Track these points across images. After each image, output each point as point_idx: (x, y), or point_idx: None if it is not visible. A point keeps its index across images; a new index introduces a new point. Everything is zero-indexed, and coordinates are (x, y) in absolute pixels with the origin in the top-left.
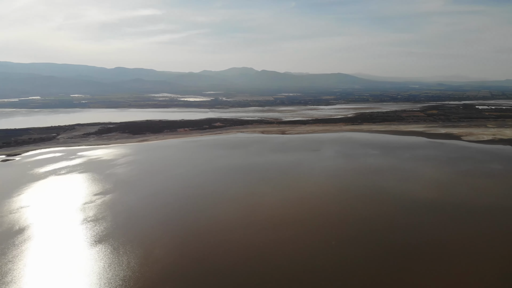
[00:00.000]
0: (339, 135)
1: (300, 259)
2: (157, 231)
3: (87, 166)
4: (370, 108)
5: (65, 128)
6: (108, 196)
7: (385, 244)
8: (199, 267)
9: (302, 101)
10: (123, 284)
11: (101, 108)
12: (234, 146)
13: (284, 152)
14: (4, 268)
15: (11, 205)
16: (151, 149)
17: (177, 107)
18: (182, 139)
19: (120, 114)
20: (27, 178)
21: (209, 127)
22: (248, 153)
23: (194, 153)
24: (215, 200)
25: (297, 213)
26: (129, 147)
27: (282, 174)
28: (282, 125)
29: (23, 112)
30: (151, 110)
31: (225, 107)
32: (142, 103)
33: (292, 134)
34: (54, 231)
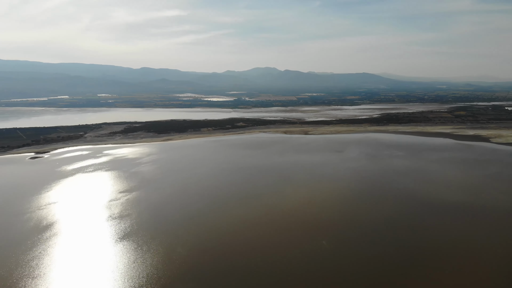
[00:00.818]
0: (364, 136)
1: (320, 260)
2: (180, 229)
3: (113, 164)
4: (396, 108)
5: (92, 127)
6: (133, 193)
7: (410, 245)
8: (221, 265)
9: (326, 101)
10: (146, 281)
11: (127, 108)
12: (256, 146)
13: (307, 152)
14: (32, 263)
15: (39, 201)
16: (175, 148)
17: (200, 107)
18: (205, 139)
19: (146, 113)
20: (55, 175)
21: (232, 127)
22: (271, 153)
23: (216, 152)
24: (237, 200)
25: (320, 214)
26: (154, 146)
27: (305, 175)
28: (305, 126)
29: (52, 111)
30: (175, 110)
31: (247, 107)
32: (167, 103)
33: (315, 135)
34: (80, 227)
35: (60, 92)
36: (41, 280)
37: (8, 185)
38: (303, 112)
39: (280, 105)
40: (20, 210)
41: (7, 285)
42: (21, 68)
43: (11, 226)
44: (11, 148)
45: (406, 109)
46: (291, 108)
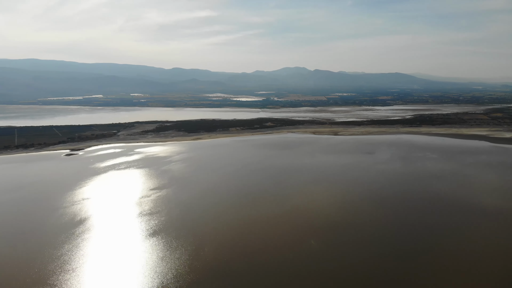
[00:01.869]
0: (396, 138)
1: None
2: (208, 228)
3: (144, 162)
4: (430, 109)
5: (125, 126)
6: (163, 191)
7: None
8: (247, 264)
9: (356, 101)
10: (175, 277)
11: (159, 107)
12: (284, 146)
13: (336, 154)
14: (65, 257)
15: (73, 197)
16: (205, 147)
17: (229, 107)
18: (234, 138)
19: (177, 113)
20: (88, 172)
21: (260, 127)
22: (299, 154)
23: (244, 152)
24: (265, 199)
25: (348, 216)
26: (184, 144)
27: (334, 176)
28: (334, 126)
29: (86, 109)
30: (205, 109)
31: (276, 107)
32: (197, 103)
33: (345, 136)
34: (112, 223)
35: (95, 91)
36: (73, 273)
37: (45, 181)
38: (333, 112)
39: (309, 105)
40: (55, 205)
41: (41, 277)
42: (57, 68)
43: (46, 220)
44: (47, 145)
45: (440, 110)
46: (321, 108)
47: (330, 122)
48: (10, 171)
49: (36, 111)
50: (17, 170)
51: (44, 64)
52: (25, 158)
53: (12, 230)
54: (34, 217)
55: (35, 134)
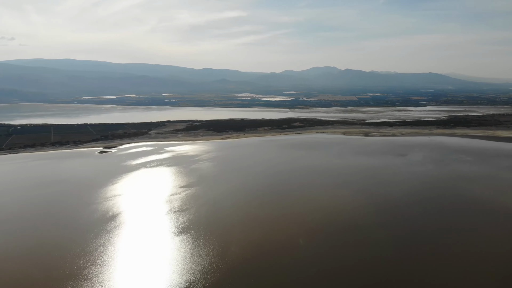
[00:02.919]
0: (429, 139)
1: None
2: (235, 226)
3: (174, 160)
4: (465, 111)
5: (157, 124)
6: (192, 189)
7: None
8: (275, 264)
9: (388, 102)
10: (202, 274)
11: (189, 107)
12: (313, 146)
13: (367, 155)
14: (96, 252)
15: (106, 193)
16: (233, 146)
17: (258, 107)
18: (262, 138)
19: (206, 112)
20: (121, 169)
21: (288, 127)
22: (328, 154)
23: (272, 152)
24: (293, 201)
25: (377, 219)
26: (212, 144)
27: (363, 179)
28: (365, 127)
29: (119, 108)
30: (234, 109)
31: (305, 107)
32: (226, 102)
33: (377, 137)
34: (142, 219)
35: (128, 90)
36: (104, 267)
37: (79, 177)
38: (363, 112)
39: (339, 105)
40: (88, 200)
41: (72, 270)
42: (92, 67)
43: (79, 215)
44: (82, 142)
45: (476, 111)
46: (351, 109)
47: (361, 122)
48: (46, 167)
49: (71, 109)
50: (53, 166)
51: (79, 64)
52: (61, 154)
53: (47, 224)
54: (68, 212)
55: (70, 132)
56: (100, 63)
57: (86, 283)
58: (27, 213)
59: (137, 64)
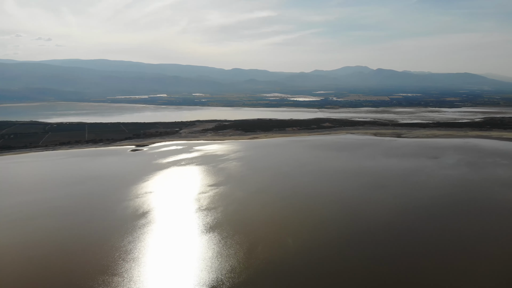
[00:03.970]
0: (464, 141)
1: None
2: (262, 226)
3: (203, 159)
4: (501, 112)
5: (187, 124)
6: (220, 188)
7: None
8: (301, 265)
9: (422, 103)
10: (230, 273)
11: (218, 107)
12: (342, 147)
13: (398, 157)
14: (127, 247)
15: (137, 190)
16: (261, 146)
17: (286, 107)
18: (290, 138)
19: (235, 112)
20: (152, 167)
21: (317, 127)
22: (358, 156)
23: (300, 152)
24: (321, 203)
25: (411, 222)
26: (240, 143)
27: (394, 181)
28: (397, 128)
29: (151, 108)
30: (262, 109)
31: (335, 107)
32: (255, 102)
33: (409, 138)
34: (171, 216)
35: (159, 90)
36: (134, 263)
37: (112, 174)
38: (396, 113)
39: (370, 106)
40: (120, 197)
41: (104, 265)
42: (125, 68)
43: (112, 211)
44: (115, 140)
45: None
46: (383, 109)
47: (393, 123)
48: (80, 164)
49: (105, 108)
50: (87, 164)
51: (113, 64)
52: (94, 152)
53: (81, 219)
54: (101, 208)
55: (104, 130)
56: (133, 63)
57: (117, 278)
58: (62, 208)
59: (169, 65)
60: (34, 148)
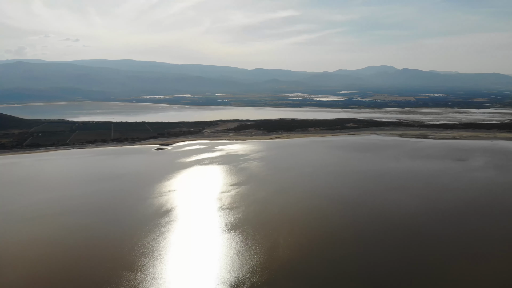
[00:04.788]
0: (492, 143)
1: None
2: (284, 226)
3: (225, 159)
4: None
5: (209, 123)
6: (241, 187)
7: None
8: (323, 268)
9: (449, 103)
10: (250, 273)
11: (240, 106)
12: (366, 148)
13: (424, 159)
14: (150, 244)
15: (161, 188)
16: (282, 146)
17: (309, 107)
18: (312, 139)
19: (257, 112)
20: (175, 166)
21: (341, 128)
22: (382, 157)
23: (323, 153)
24: (343, 204)
25: (438, 226)
26: (262, 143)
27: (420, 183)
28: (423, 129)
29: (175, 107)
30: (284, 109)
31: (359, 107)
32: (277, 102)
33: (435, 139)
34: (194, 215)
35: (183, 90)
36: (157, 260)
37: (137, 172)
38: (422, 114)
39: (395, 106)
40: (145, 195)
41: (128, 262)
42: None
43: (136, 209)
44: (140, 139)
45: None
46: (408, 109)
47: (419, 124)
48: (106, 162)
49: (130, 108)
50: (112, 162)
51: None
52: (120, 150)
53: (106, 216)
54: (126, 205)
55: (129, 129)
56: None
57: (140, 275)
58: (88, 205)
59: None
60: (62, 146)
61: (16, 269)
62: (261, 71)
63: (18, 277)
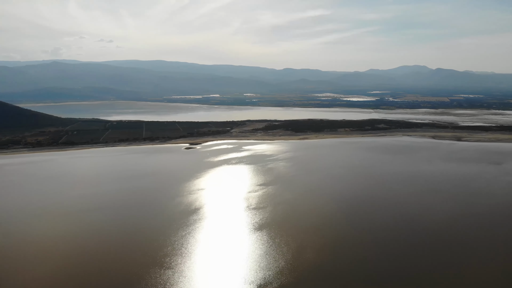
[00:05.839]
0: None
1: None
2: (312, 228)
3: (253, 159)
4: None
5: (238, 123)
6: (269, 188)
7: None
8: (352, 273)
9: (484, 104)
10: (277, 273)
11: (268, 107)
12: (398, 150)
13: (458, 162)
14: (179, 242)
15: (190, 186)
16: (311, 147)
17: (339, 107)
18: (342, 139)
19: (285, 112)
20: (204, 165)
21: (372, 129)
22: (415, 160)
23: (353, 154)
24: (374, 207)
25: (472, 230)
26: (290, 143)
27: (454, 187)
28: (458, 131)
29: (204, 107)
30: (313, 109)
31: (391, 108)
32: (306, 102)
33: (470, 142)
34: (222, 214)
35: (212, 91)
36: (185, 258)
37: (167, 171)
38: (456, 115)
39: (429, 107)
40: (174, 193)
41: (157, 258)
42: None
43: (166, 206)
44: (170, 138)
45: None
46: (442, 111)
47: (453, 126)
48: (137, 160)
49: (161, 107)
50: (144, 160)
51: (169, 65)
52: (151, 149)
53: (136, 213)
54: (156, 203)
55: (160, 128)
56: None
57: (169, 272)
58: (119, 202)
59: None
60: (95, 144)
61: (50, 263)
62: (289, 71)
63: (52, 271)
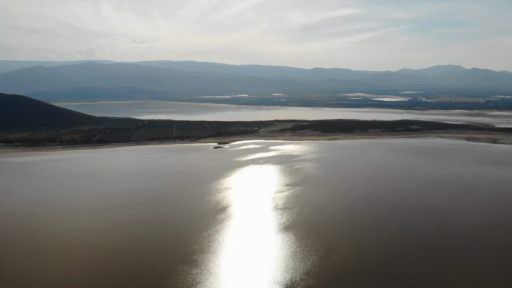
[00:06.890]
0: None
1: None
2: (339, 230)
3: (280, 159)
4: None
5: (265, 123)
6: (296, 188)
7: None
8: (381, 278)
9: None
10: (304, 275)
11: (297, 107)
12: (431, 152)
13: (493, 164)
14: (207, 240)
15: (218, 185)
16: (340, 148)
17: (369, 107)
18: (372, 141)
19: (313, 112)
20: (232, 164)
21: (404, 130)
22: (448, 162)
23: (384, 156)
24: (404, 210)
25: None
26: (318, 144)
27: (490, 191)
28: (493, 133)
29: (233, 107)
30: (343, 109)
31: (424, 108)
32: (335, 102)
33: (506, 144)
34: (249, 213)
35: (241, 91)
36: (212, 255)
37: (196, 169)
38: (492, 116)
39: (463, 108)
40: (203, 191)
41: (184, 256)
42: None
43: (194, 204)
44: (199, 137)
45: None
46: (477, 112)
47: (489, 128)
48: (168, 158)
49: (191, 107)
50: (173, 158)
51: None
52: (181, 148)
53: (165, 211)
54: (184, 201)
55: (190, 128)
56: (217, 65)
57: (196, 269)
58: (149, 199)
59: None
60: (127, 142)
61: (81, 258)
62: (319, 70)
63: (84, 266)
